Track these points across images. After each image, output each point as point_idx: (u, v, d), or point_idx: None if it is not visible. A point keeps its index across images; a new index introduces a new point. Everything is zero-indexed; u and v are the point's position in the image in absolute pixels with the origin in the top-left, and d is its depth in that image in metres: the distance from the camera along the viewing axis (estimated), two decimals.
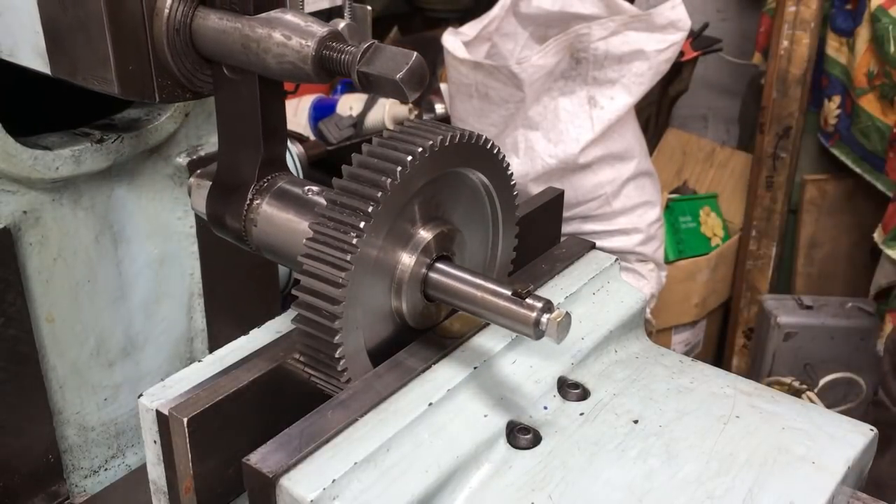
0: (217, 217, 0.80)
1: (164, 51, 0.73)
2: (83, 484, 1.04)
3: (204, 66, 0.76)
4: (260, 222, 0.77)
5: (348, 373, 0.67)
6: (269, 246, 0.77)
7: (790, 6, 2.49)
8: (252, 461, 0.61)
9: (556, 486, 0.66)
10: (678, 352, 1.55)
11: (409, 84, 0.66)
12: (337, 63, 0.68)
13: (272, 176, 0.78)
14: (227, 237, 0.81)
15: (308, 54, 0.67)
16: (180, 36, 0.73)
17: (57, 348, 0.97)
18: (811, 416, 0.75)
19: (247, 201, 0.77)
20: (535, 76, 2.00)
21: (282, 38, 0.68)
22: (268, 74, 0.71)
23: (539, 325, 0.64)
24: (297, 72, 0.68)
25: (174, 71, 0.75)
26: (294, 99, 2.55)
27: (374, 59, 0.67)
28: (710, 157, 2.93)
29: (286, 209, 0.76)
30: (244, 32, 0.70)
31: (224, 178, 0.80)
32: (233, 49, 0.71)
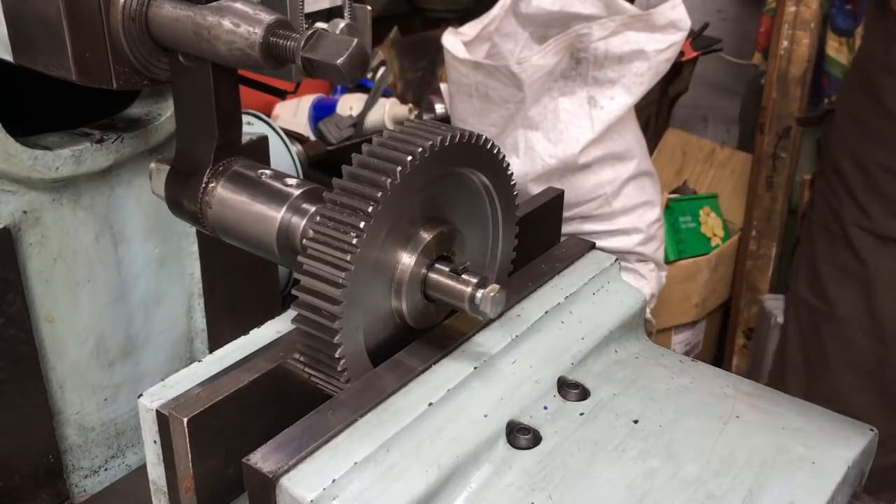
0: (175, 200, 0.84)
1: (121, 39, 0.76)
2: (83, 484, 1.04)
3: (160, 53, 0.79)
4: (215, 204, 0.80)
5: (348, 373, 0.67)
6: (224, 227, 0.81)
7: (790, 6, 2.49)
8: (252, 461, 0.61)
9: (556, 486, 0.66)
10: (678, 352, 1.55)
11: (348, 69, 0.68)
12: (283, 49, 0.70)
13: (228, 160, 0.81)
14: (184, 219, 0.84)
15: (255, 41, 0.70)
16: (136, 24, 0.76)
17: (57, 348, 0.97)
18: (811, 416, 0.75)
19: (202, 184, 0.80)
20: (535, 76, 2.00)
21: (231, 25, 0.71)
22: (219, 61, 0.74)
23: (474, 300, 0.68)
24: (246, 59, 0.71)
25: (130, 58, 0.78)
26: (294, 99, 2.55)
27: (317, 46, 0.69)
28: (710, 157, 2.93)
29: (240, 192, 0.79)
30: (196, 20, 0.73)
31: (182, 163, 0.83)
32: (186, 37, 0.74)
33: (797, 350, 1.65)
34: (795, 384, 1.62)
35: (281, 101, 2.54)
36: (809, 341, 1.61)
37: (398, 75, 2.85)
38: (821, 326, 1.55)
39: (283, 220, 0.76)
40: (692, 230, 2.65)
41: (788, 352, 1.66)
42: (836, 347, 1.54)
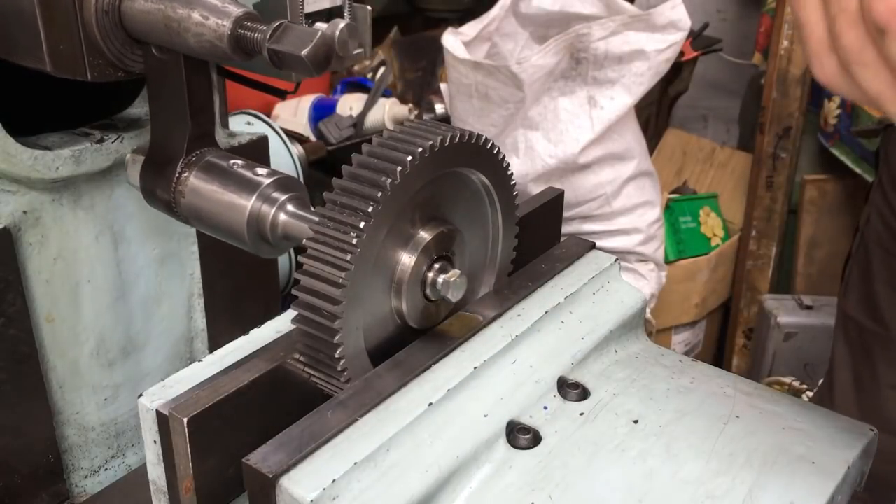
0: (149, 189, 0.86)
1: (95, 31, 0.78)
2: (83, 484, 1.04)
3: (134, 45, 0.81)
4: (187, 193, 0.83)
5: (348, 373, 0.67)
6: (196, 215, 0.83)
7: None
8: (252, 461, 0.61)
9: (556, 486, 0.66)
10: (678, 352, 1.55)
11: (313, 60, 0.70)
12: (251, 42, 0.72)
13: (201, 151, 0.84)
14: (158, 208, 0.87)
15: (224, 33, 0.72)
16: (109, 17, 0.78)
17: (57, 348, 0.97)
18: (811, 416, 0.75)
19: (176, 174, 0.83)
20: (535, 76, 2.00)
21: (200, 18, 0.73)
22: (190, 53, 0.76)
23: (436, 285, 0.71)
24: (215, 50, 0.73)
25: (104, 50, 0.80)
26: (294, 99, 2.55)
27: (283, 37, 0.71)
28: (710, 157, 2.93)
29: (212, 181, 0.82)
30: (166, 13, 0.75)
31: (156, 153, 0.85)
32: (157, 29, 0.76)
33: (847, 371, 1.61)
34: (844, 405, 1.57)
35: (281, 101, 2.54)
36: (861, 363, 1.56)
37: (398, 75, 2.85)
38: (873, 348, 1.50)
39: (253, 209, 0.78)
40: (692, 230, 2.65)
41: (837, 372, 1.62)
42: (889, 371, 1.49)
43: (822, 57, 0.58)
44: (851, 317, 1.54)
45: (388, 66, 2.81)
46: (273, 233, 0.79)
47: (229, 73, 1.09)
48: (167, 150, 0.84)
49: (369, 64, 2.83)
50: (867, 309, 1.50)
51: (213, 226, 0.82)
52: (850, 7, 0.55)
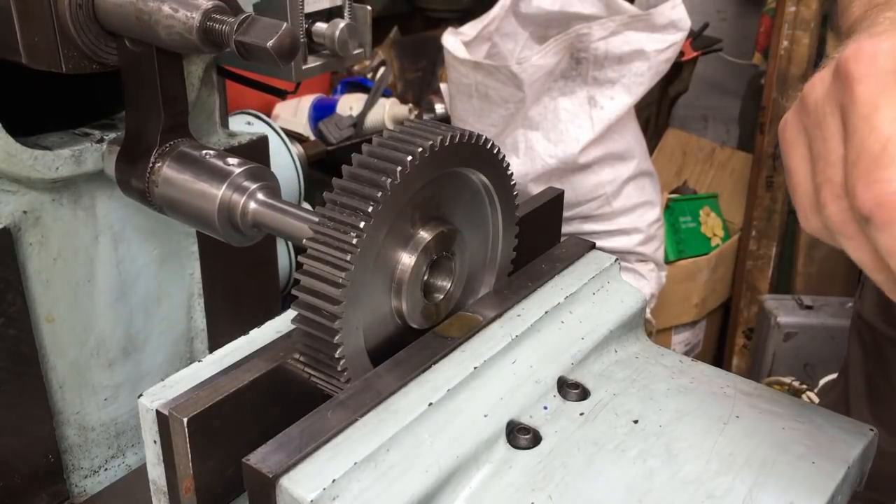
0: (124, 180, 0.88)
1: (69, 24, 0.79)
2: (83, 484, 1.04)
3: (108, 38, 0.82)
4: (161, 183, 0.85)
5: (348, 373, 0.67)
6: (170, 204, 0.85)
7: (790, 6, 2.49)
8: (252, 461, 0.61)
9: (556, 486, 0.66)
10: (678, 352, 1.55)
11: (279, 51, 0.72)
12: (219, 34, 0.73)
13: (174, 141, 0.85)
14: (133, 198, 0.88)
15: (193, 25, 0.73)
16: (83, 10, 0.79)
17: (57, 348, 0.97)
18: (811, 416, 0.75)
19: (149, 164, 0.84)
20: (535, 76, 2.00)
21: (170, 10, 0.74)
22: (161, 45, 0.78)
23: None
24: (185, 42, 0.74)
25: (79, 43, 0.81)
26: (294, 99, 2.55)
27: (250, 29, 0.73)
28: (710, 157, 2.93)
29: (184, 170, 0.84)
30: (138, 6, 0.76)
31: (131, 144, 0.87)
32: (129, 22, 0.77)
33: (860, 374, 1.60)
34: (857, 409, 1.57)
35: (281, 101, 2.54)
36: (875, 367, 1.56)
37: (398, 75, 2.85)
38: (887, 352, 1.50)
39: (223, 197, 0.80)
40: (692, 230, 2.65)
41: (851, 376, 1.61)
42: None
43: (809, 214, 0.56)
44: (865, 320, 1.54)
45: (388, 66, 2.81)
46: (243, 221, 0.81)
47: (229, 73, 1.09)
48: (141, 141, 0.85)
49: (369, 64, 2.83)
50: (881, 312, 1.49)
51: (186, 214, 0.84)
52: (835, 179, 0.52)
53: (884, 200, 0.49)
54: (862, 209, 0.50)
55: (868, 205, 0.49)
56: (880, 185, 0.49)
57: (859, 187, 0.50)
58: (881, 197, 0.49)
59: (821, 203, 0.54)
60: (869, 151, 0.50)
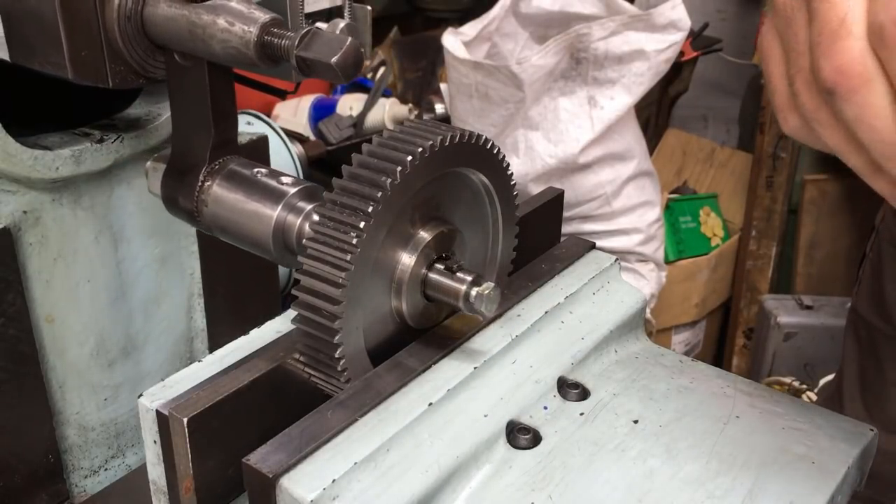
0: (171, 198, 0.84)
1: (116, 37, 0.77)
2: (83, 484, 1.04)
3: (156, 52, 0.80)
4: (210, 203, 0.80)
5: (348, 373, 0.67)
6: (220, 225, 0.81)
7: None
8: (252, 461, 0.61)
9: (556, 486, 0.66)
10: (678, 352, 1.55)
11: (343, 67, 0.69)
12: (278, 48, 0.71)
13: (224, 159, 0.82)
14: (180, 217, 0.85)
15: (250, 40, 0.70)
16: (131, 23, 0.77)
17: (57, 348, 0.97)
18: (811, 416, 0.75)
19: (198, 182, 0.81)
20: (535, 76, 2.00)
21: (226, 24, 0.71)
22: (214, 60, 0.75)
23: (469, 297, 0.68)
24: (241, 57, 0.72)
25: (126, 57, 0.78)
26: (294, 99, 2.55)
27: (312, 44, 0.70)
28: (710, 157, 2.93)
29: (236, 190, 0.80)
30: (191, 19, 0.73)
31: (178, 161, 0.83)
32: (181, 36, 0.75)
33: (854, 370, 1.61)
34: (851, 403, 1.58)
35: (281, 101, 2.54)
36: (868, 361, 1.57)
37: (398, 75, 2.85)
38: (881, 346, 1.50)
39: (278, 219, 0.76)
40: (692, 230, 2.65)
41: (846, 372, 1.62)
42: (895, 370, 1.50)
43: (786, 113, 0.58)
44: (861, 315, 1.55)
45: (388, 66, 2.81)
46: (299, 243, 0.76)
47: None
48: (189, 157, 0.82)
49: (369, 64, 2.83)
50: (877, 307, 1.50)
51: (237, 236, 0.80)
52: (804, 66, 0.54)
53: (844, 69, 0.50)
54: (825, 83, 0.51)
55: (830, 77, 0.51)
56: (839, 55, 0.50)
57: (821, 62, 0.51)
58: (841, 66, 0.50)
59: (795, 95, 0.55)
60: (829, 27, 0.51)
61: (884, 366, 1.48)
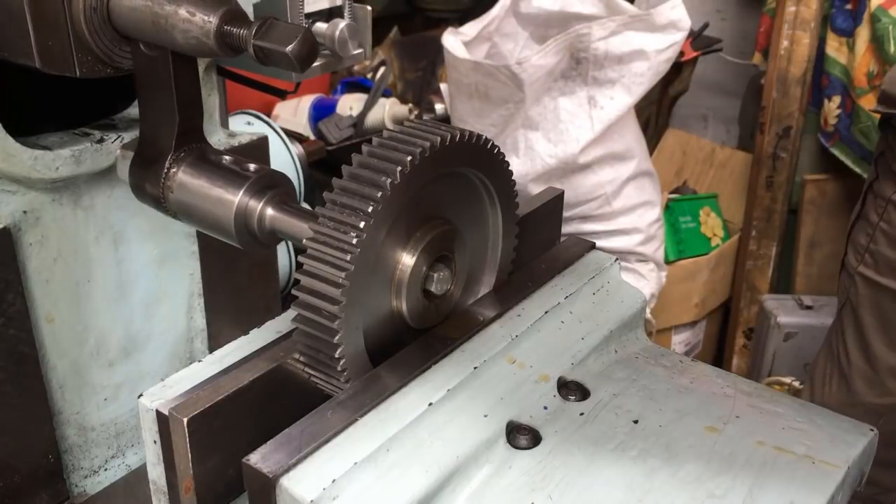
0: (138, 185, 0.86)
1: (83, 28, 0.78)
2: (83, 484, 1.04)
3: (122, 42, 0.81)
4: (176, 189, 0.82)
5: (348, 373, 0.67)
6: (185, 210, 0.83)
7: (790, 6, 2.49)
8: (252, 461, 0.61)
9: (556, 486, 0.66)
10: (678, 352, 1.55)
11: (298, 56, 0.70)
12: (237, 37, 0.72)
13: (189, 146, 0.83)
14: (147, 203, 0.86)
15: (210, 29, 0.72)
16: (97, 14, 0.78)
17: (57, 348, 0.97)
18: (811, 416, 0.75)
19: (164, 170, 0.83)
20: (535, 76, 2.00)
21: (187, 14, 0.73)
22: (177, 49, 0.76)
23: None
24: (201, 47, 0.73)
25: (93, 47, 0.79)
26: (294, 99, 2.55)
27: (268, 34, 0.71)
28: (710, 157, 2.92)
29: (199, 176, 0.82)
30: (154, 10, 0.74)
31: (145, 149, 0.85)
32: (145, 26, 0.76)
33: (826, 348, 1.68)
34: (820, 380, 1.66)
35: (281, 101, 2.54)
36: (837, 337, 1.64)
37: (398, 75, 2.85)
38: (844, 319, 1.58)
39: (240, 204, 0.78)
40: (692, 230, 2.65)
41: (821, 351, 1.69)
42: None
43: None
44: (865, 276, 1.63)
45: (388, 66, 2.81)
46: (261, 228, 0.79)
47: (229, 73, 1.09)
48: (156, 145, 0.84)
49: (369, 64, 2.83)
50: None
51: (201, 221, 0.82)
52: None
53: None
54: None
55: None
56: None
57: None
58: None
59: None
60: None
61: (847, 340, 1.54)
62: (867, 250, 1.65)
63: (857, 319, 1.74)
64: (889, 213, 1.59)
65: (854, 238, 1.73)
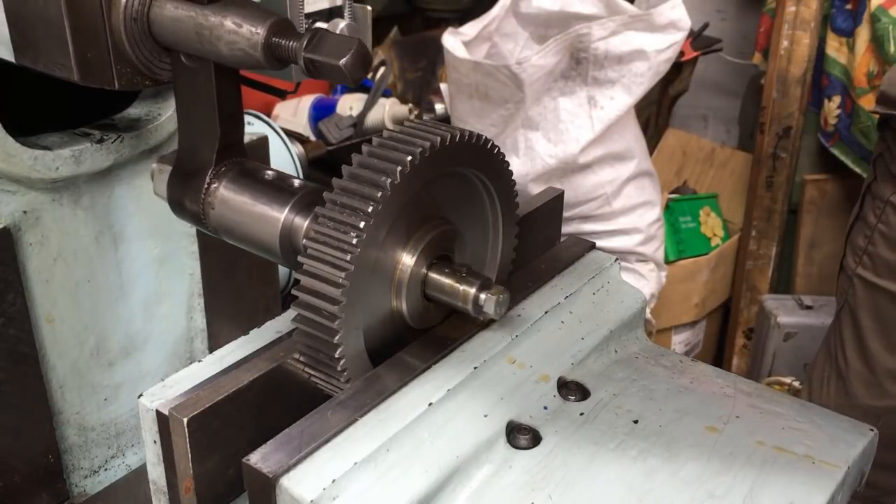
0: (177, 200, 0.83)
1: (123, 39, 0.76)
2: (83, 484, 1.04)
3: (162, 53, 0.79)
4: (217, 205, 0.80)
5: (348, 373, 0.67)
6: (226, 227, 0.80)
7: (790, 6, 2.49)
8: (252, 461, 0.61)
9: (556, 486, 0.66)
10: (678, 352, 1.55)
11: (352, 69, 0.68)
12: (285, 50, 0.70)
13: (230, 161, 0.81)
14: (186, 220, 0.84)
15: (258, 41, 0.70)
16: (137, 24, 0.76)
17: (57, 348, 0.97)
18: (811, 416, 0.75)
19: (205, 185, 0.80)
20: (535, 76, 2.00)
21: (233, 25, 0.70)
22: (221, 61, 0.74)
23: (478, 301, 0.69)
24: (248, 59, 0.71)
25: (132, 59, 0.78)
26: (294, 99, 2.55)
27: (320, 46, 0.69)
28: (710, 157, 2.93)
29: (242, 192, 0.79)
30: (198, 21, 0.72)
31: (184, 163, 0.83)
32: (188, 37, 0.74)
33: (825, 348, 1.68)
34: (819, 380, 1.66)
35: (281, 101, 2.54)
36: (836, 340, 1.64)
37: (398, 75, 2.85)
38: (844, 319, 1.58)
39: (285, 221, 0.75)
40: (692, 230, 2.65)
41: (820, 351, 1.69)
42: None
43: None
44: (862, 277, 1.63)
45: (388, 66, 2.81)
46: None
47: None
48: (196, 160, 0.81)
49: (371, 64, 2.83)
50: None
51: (244, 238, 0.79)
52: None
53: None
54: None
55: None
56: None
57: None
58: None
59: None
60: None
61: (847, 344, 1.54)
62: (865, 252, 1.66)
63: (855, 321, 1.75)
64: (887, 214, 1.60)
65: (852, 240, 1.73)
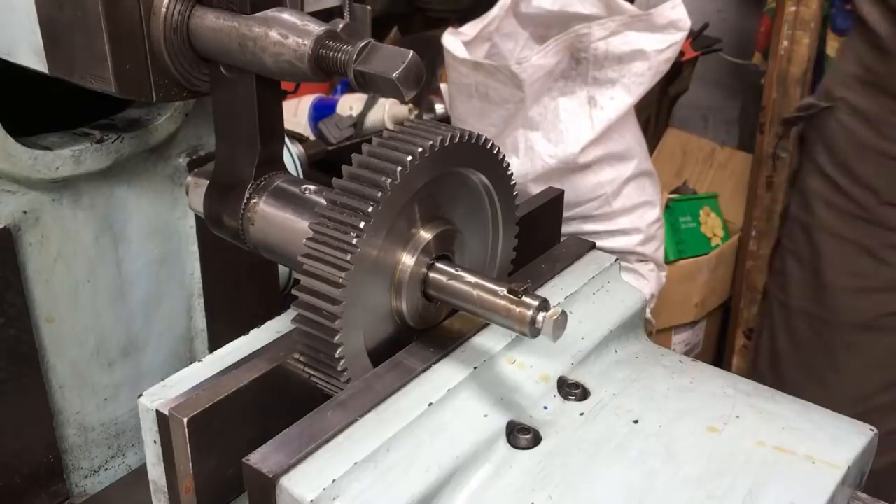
0: (215, 216, 0.81)
1: (162, 50, 0.74)
2: (83, 484, 1.04)
3: (201, 64, 0.76)
4: (257, 221, 0.77)
5: (348, 373, 0.67)
6: (267, 244, 0.77)
7: (790, 6, 2.49)
8: (252, 461, 0.61)
9: (556, 486, 0.66)
10: (678, 352, 1.55)
11: (405, 83, 0.65)
12: (333, 62, 0.67)
13: (269, 175, 0.78)
14: (225, 236, 0.81)
15: (305, 53, 0.67)
16: (177, 35, 0.73)
17: (57, 348, 0.97)
18: (811, 416, 0.75)
19: (244, 200, 0.77)
20: (535, 76, 2.00)
21: (278, 36, 0.68)
22: (265, 73, 0.71)
23: (535, 323, 0.64)
24: (294, 70, 0.68)
25: (171, 70, 0.75)
26: (294, 99, 2.55)
27: (371, 58, 0.66)
28: (710, 157, 2.93)
29: (284, 208, 0.76)
30: (241, 31, 0.70)
31: (222, 177, 0.80)
32: (230, 48, 0.71)
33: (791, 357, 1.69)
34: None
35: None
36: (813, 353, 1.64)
37: None
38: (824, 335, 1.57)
39: None
40: (692, 230, 2.65)
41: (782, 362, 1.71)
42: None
43: None
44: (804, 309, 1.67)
45: None
46: None
47: None
48: (234, 173, 0.78)
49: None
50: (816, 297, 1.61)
51: (286, 256, 0.76)
52: None
53: None
54: None
55: None
56: None
57: None
58: None
59: None
60: None
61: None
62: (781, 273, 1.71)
63: None
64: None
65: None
